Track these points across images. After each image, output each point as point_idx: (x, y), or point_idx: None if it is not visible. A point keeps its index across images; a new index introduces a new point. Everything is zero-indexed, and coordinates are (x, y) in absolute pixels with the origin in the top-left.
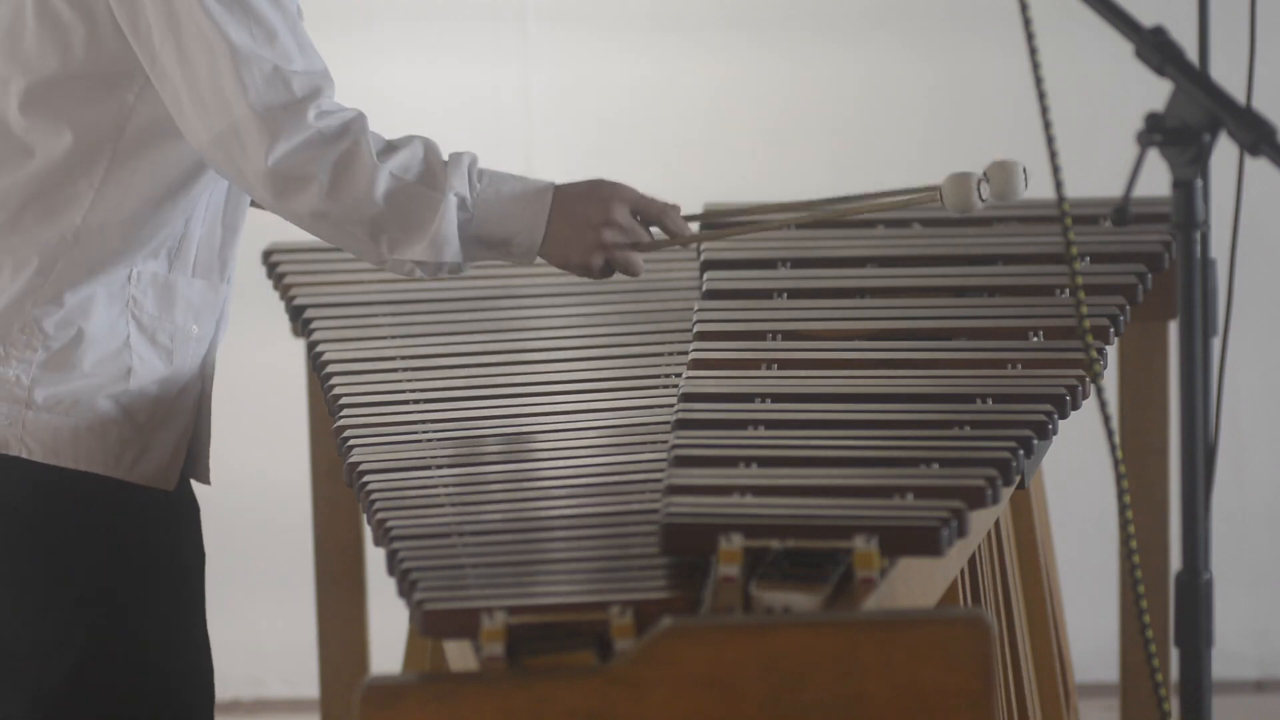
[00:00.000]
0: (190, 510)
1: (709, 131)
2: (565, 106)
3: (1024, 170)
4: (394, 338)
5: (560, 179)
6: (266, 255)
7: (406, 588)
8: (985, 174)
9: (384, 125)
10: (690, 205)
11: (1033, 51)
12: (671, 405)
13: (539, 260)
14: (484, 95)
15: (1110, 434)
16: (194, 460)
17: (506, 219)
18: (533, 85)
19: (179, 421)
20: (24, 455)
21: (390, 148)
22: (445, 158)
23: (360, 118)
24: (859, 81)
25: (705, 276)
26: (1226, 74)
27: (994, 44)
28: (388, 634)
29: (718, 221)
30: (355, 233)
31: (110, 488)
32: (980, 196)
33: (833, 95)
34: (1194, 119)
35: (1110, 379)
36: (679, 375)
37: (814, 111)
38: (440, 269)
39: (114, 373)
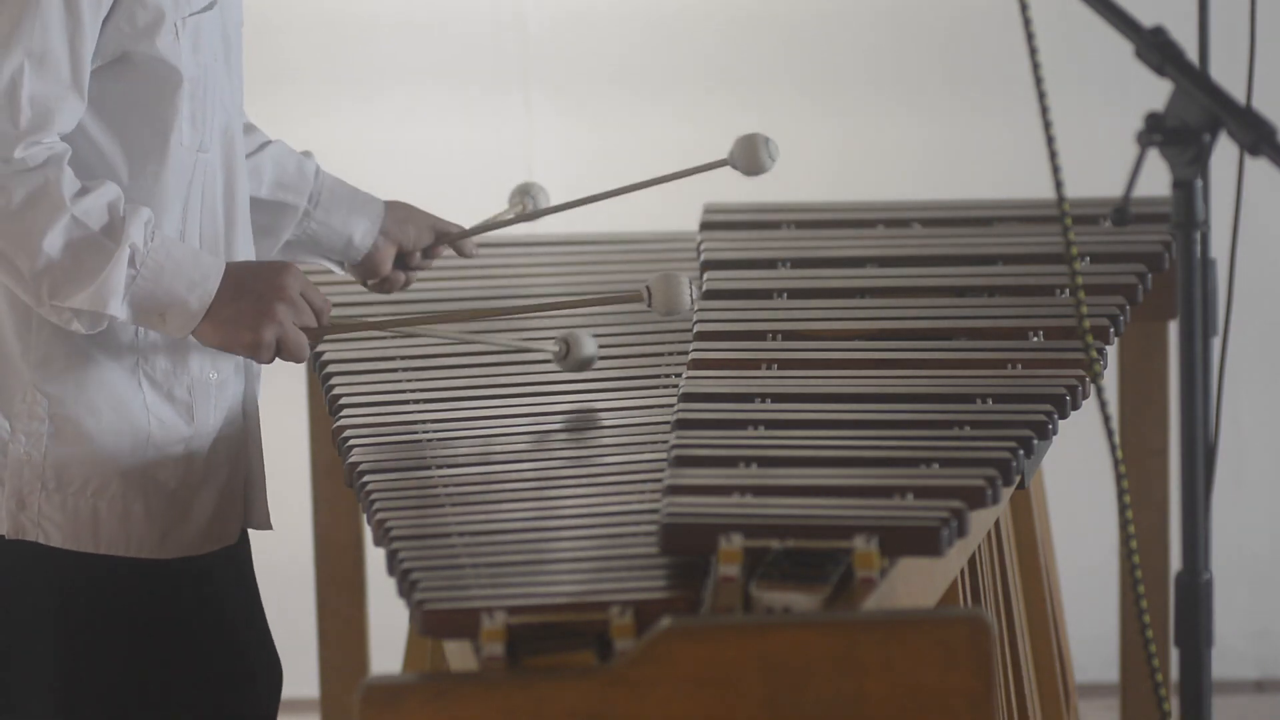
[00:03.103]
0: (239, 559)
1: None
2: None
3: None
4: (394, 338)
5: (562, 173)
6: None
7: (406, 588)
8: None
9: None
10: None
11: (1033, 52)
12: (671, 405)
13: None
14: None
15: (1110, 434)
16: (250, 508)
17: (170, 289)
18: (533, 76)
19: (219, 477)
20: (41, 541)
21: (83, 190)
22: (125, 208)
23: (65, 152)
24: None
25: (705, 276)
26: (1226, 74)
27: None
28: (388, 634)
29: (341, 324)
30: (19, 266)
31: (142, 567)
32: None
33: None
34: (1194, 119)
35: (1110, 379)
36: (679, 375)
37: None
38: (99, 322)
39: (131, 440)
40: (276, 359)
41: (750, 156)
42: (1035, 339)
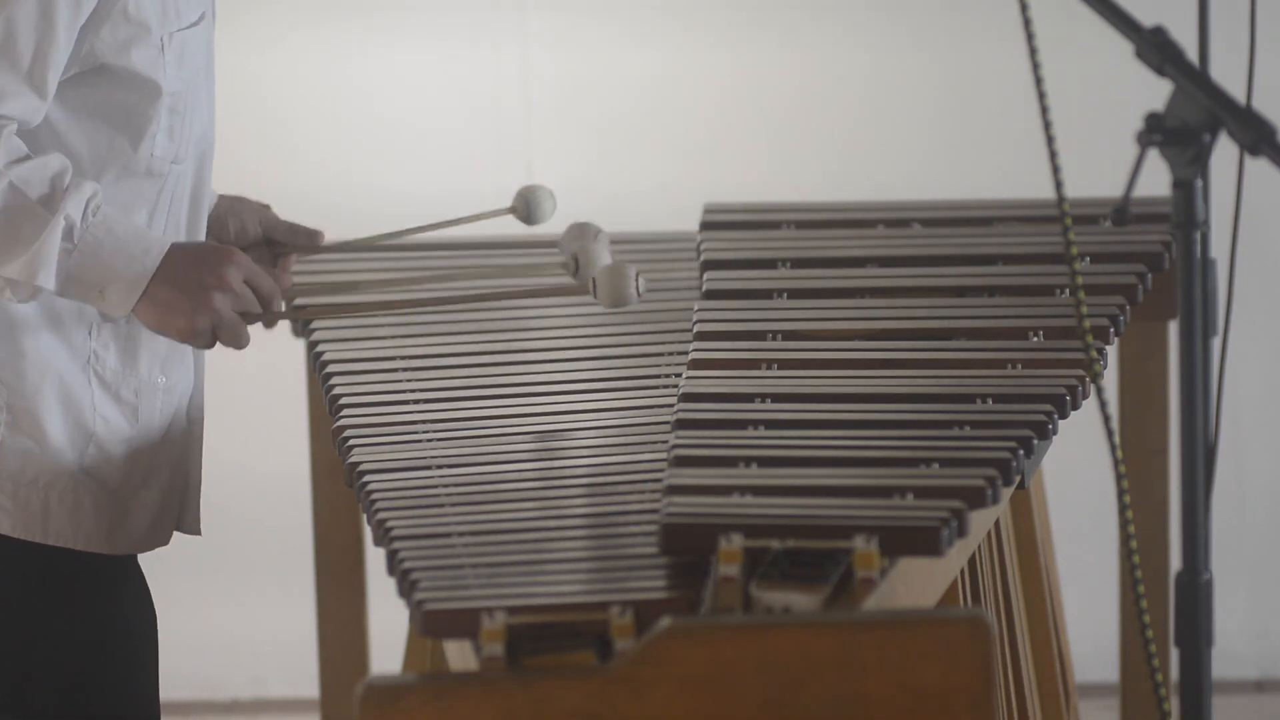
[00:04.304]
0: (134, 573)
1: (715, 122)
2: (567, 98)
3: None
4: (394, 338)
5: (561, 173)
6: None
7: (406, 588)
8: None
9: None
10: (694, 195)
11: (1033, 51)
12: (671, 405)
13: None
14: (483, 83)
15: (1110, 434)
16: (183, 512)
17: (109, 264)
18: (532, 75)
19: (160, 478)
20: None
21: (23, 158)
22: (69, 180)
23: (8, 124)
24: (865, 71)
25: (705, 276)
26: (1226, 74)
27: (1000, 33)
28: (388, 634)
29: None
30: None
31: (81, 560)
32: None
33: (839, 85)
34: (1194, 119)
35: (1110, 379)
36: (679, 375)
37: (819, 101)
38: (33, 293)
39: (78, 437)
40: (218, 344)
41: (534, 208)
42: (1035, 339)
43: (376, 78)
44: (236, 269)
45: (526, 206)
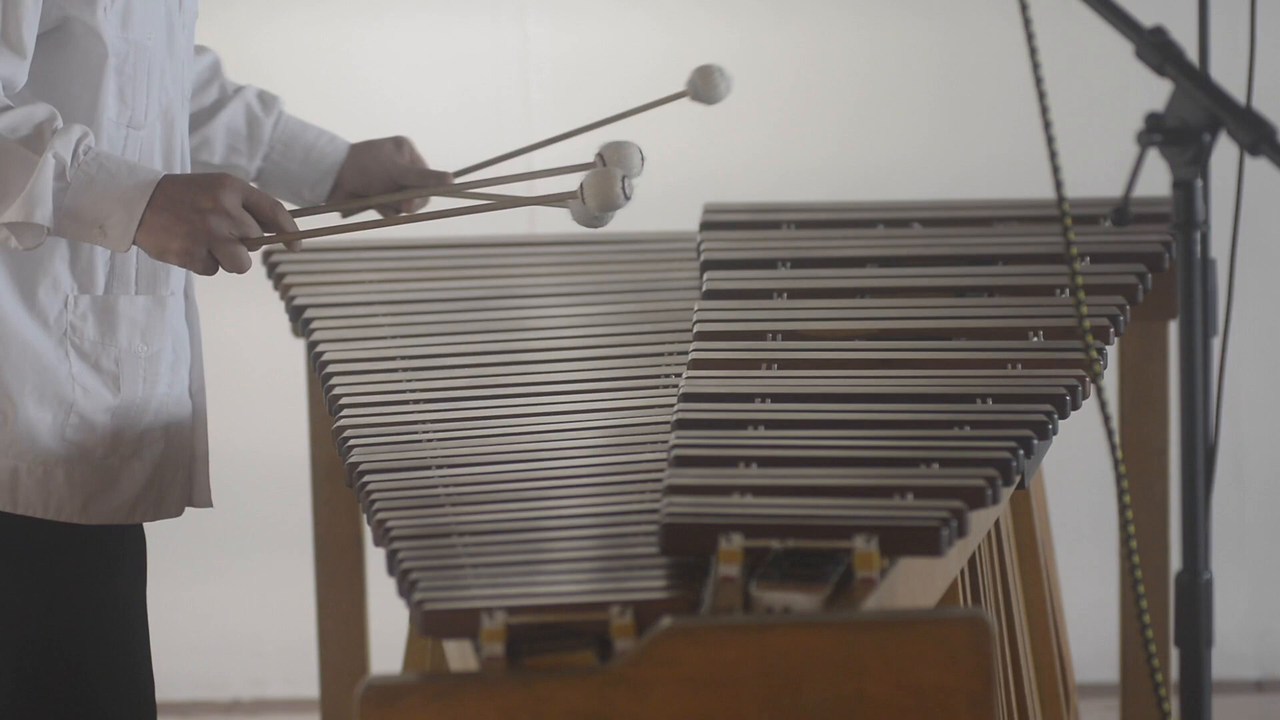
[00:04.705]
0: (136, 544)
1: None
2: (566, 72)
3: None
4: (394, 338)
5: (561, 146)
6: (266, 255)
7: (406, 588)
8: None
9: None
10: (694, 170)
11: (1033, 51)
12: (671, 405)
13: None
14: (481, 58)
15: (1110, 434)
16: (192, 485)
17: (104, 197)
18: (531, 49)
19: (157, 449)
20: None
21: (5, 108)
22: (57, 125)
23: None
24: (869, 48)
25: (705, 276)
26: (1226, 74)
27: (1002, 8)
28: (388, 634)
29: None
30: None
31: (58, 530)
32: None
33: (843, 62)
34: (1194, 119)
35: (1110, 379)
36: (679, 375)
37: (822, 79)
38: (36, 236)
39: (55, 408)
40: (221, 270)
41: (707, 87)
42: (1035, 339)
43: (373, 53)
44: (232, 193)
45: (701, 87)
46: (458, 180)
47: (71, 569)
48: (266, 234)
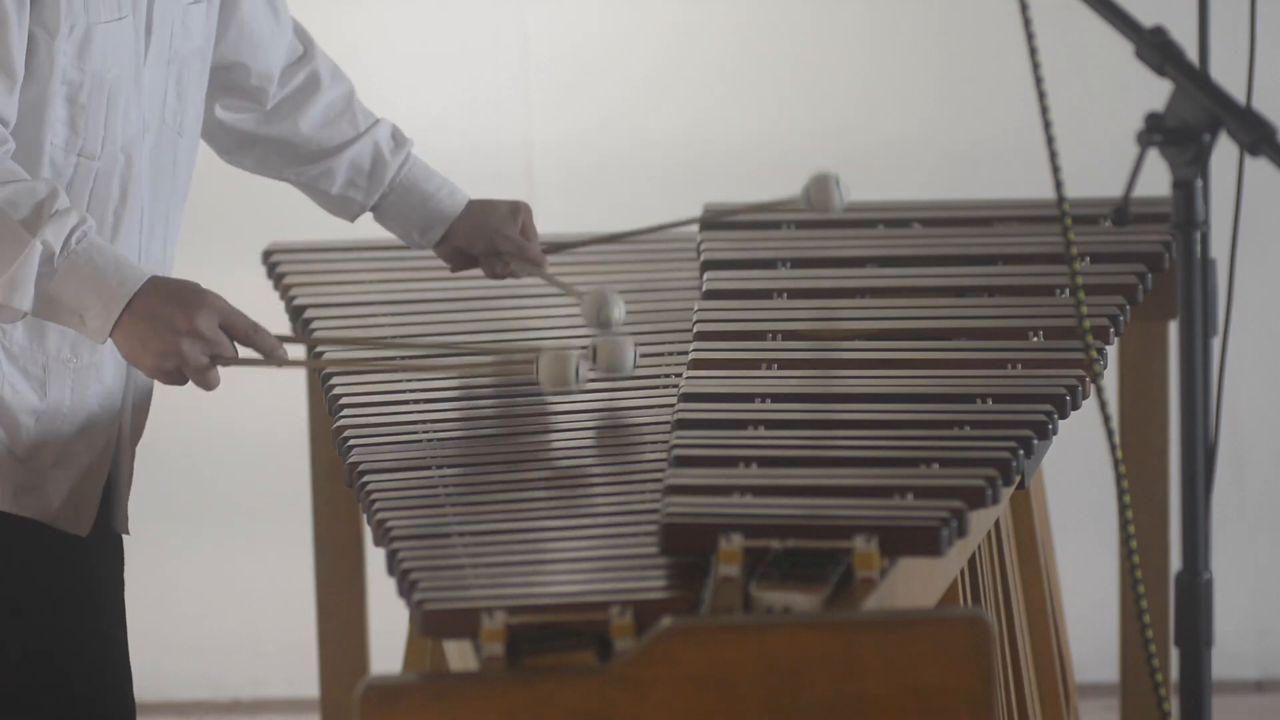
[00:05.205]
0: (109, 556)
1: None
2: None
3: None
4: (394, 338)
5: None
6: (266, 255)
7: (406, 588)
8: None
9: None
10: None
11: (1033, 51)
12: (671, 405)
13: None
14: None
15: (1110, 434)
16: (109, 507)
17: (86, 290)
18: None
19: (79, 462)
20: None
21: (10, 179)
22: (57, 209)
23: (6, 144)
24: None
25: (705, 276)
26: (1226, 74)
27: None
28: (388, 634)
29: (337, 341)
30: None
31: (15, 522)
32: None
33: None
34: (1194, 119)
35: (1110, 379)
36: (679, 375)
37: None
38: (14, 314)
39: None
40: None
41: (822, 196)
42: (1035, 339)
43: (373, 53)
44: (209, 314)
45: (816, 196)
46: (550, 269)
47: (46, 565)
48: (240, 356)
